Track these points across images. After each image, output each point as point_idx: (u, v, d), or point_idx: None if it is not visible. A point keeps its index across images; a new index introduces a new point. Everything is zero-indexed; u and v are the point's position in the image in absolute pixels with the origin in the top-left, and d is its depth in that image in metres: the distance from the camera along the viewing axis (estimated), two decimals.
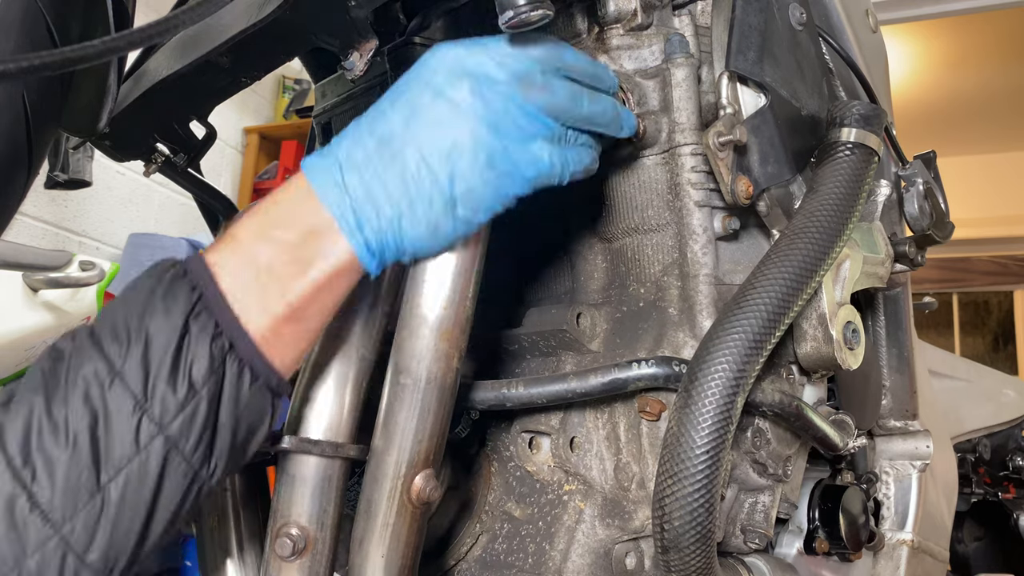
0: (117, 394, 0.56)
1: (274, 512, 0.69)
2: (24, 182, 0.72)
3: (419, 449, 0.67)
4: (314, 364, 0.70)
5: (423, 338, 0.67)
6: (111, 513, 0.55)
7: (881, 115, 0.82)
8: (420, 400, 0.67)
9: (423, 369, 0.67)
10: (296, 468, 0.68)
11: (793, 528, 0.95)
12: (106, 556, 0.55)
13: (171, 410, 0.56)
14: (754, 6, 0.78)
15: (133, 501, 0.56)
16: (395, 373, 0.68)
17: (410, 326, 0.68)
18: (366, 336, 0.71)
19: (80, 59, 0.52)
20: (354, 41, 0.70)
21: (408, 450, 0.67)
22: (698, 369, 0.66)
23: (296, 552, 0.66)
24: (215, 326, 0.58)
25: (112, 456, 0.55)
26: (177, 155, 0.98)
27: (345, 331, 0.70)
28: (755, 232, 0.85)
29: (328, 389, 0.69)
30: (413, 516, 0.68)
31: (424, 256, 0.66)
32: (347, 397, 0.69)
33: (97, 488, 0.55)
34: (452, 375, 0.68)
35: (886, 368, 1.07)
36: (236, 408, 0.59)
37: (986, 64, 5.11)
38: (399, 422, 0.67)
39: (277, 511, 0.68)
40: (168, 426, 0.56)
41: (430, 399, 0.67)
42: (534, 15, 0.60)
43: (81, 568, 0.54)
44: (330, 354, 0.70)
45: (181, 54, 0.81)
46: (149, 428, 0.56)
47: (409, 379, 0.67)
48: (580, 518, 0.79)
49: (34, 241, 2.90)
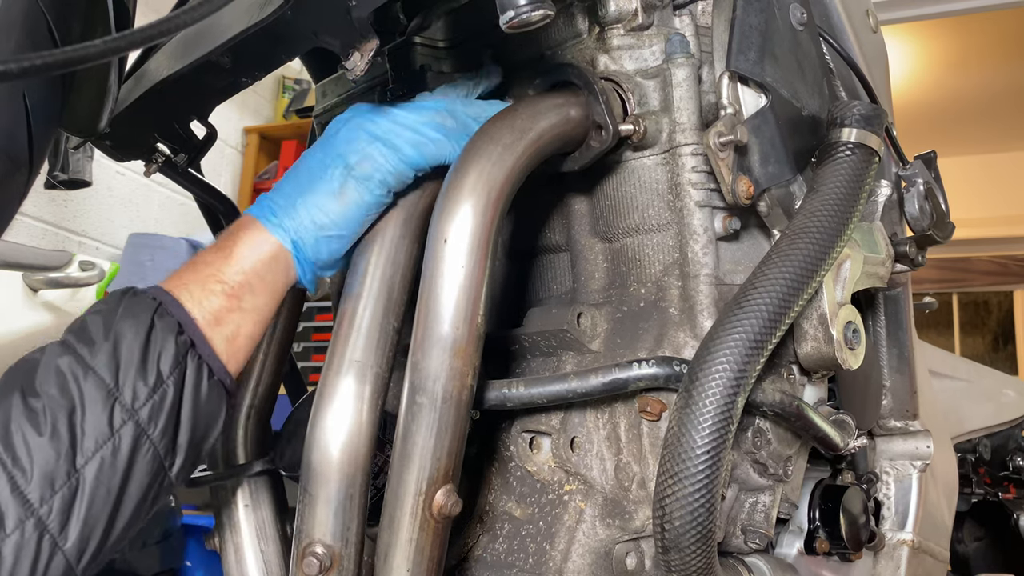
0: (91, 385, 0.62)
1: (298, 532, 0.70)
2: (25, 182, 0.72)
3: (438, 466, 0.68)
4: (329, 382, 0.70)
5: (437, 358, 0.68)
6: (86, 494, 0.60)
7: (882, 115, 0.82)
8: (437, 419, 0.68)
9: (439, 388, 0.68)
10: (317, 487, 0.68)
11: (793, 528, 0.95)
12: (80, 539, 0.60)
13: (141, 398, 0.63)
14: (755, 6, 0.78)
15: (106, 482, 0.61)
16: (411, 393, 0.69)
17: (424, 347, 0.69)
18: (379, 353, 0.72)
19: (81, 59, 0.52)
20: (355, 41, 0.69)
21: (428, 468, 0.68)
22: (699, 369, 0.66)
23: (323, 570, 0.67)
24: (178, 325, 0.67)
25: (87, 440, 0.61)
26: (177, 155, 0.98)
27: (358, 348, 0.71)
28: (756, 232, 0.85)
29: (344, 406, 0.69)
30: (435, 530, 0.69)
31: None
32: (364, 414, 0.70)
33: (74, 470, 0.60)
34: (467, 392, 0.70)
35: (886, 368, 1.07)
36: (197, 402, 0.66)
37: (986, 64, 5.10)
38: (417, 441, 0.68)
39: (301, 530, 0.69)
40: (138, 412, 0.63)
41: (447, 417, 0.68)
42: (535, 15, 0.60)
43: (56, 551, 0.58)
44: (344, 372, 0.70)
45: (182, 54, 0.81)
46: (121, 414, 0.62)
47: (425, 398, 0.68)
48: (581, 518, 0.79)
49: (34, 241, 2.90)
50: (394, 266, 0.74)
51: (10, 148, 0.68)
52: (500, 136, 0.73)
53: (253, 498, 0.84)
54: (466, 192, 0.70)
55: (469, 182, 0.71)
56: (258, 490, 0.84)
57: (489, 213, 0.70)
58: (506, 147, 0.72)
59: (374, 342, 0.72)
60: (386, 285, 0.73)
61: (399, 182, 0.74)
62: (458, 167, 0.72)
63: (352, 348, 0.71)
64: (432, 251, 0.70)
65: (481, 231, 0.70)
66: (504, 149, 0.72)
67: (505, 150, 0.72)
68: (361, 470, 0.69)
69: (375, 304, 0.73)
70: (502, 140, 0.72)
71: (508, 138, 0.73)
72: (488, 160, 0.71)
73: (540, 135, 0.75)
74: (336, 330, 0.73)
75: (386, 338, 0.73)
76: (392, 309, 0.73)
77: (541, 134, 0.75)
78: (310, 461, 0.69)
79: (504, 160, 0.72)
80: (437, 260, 0.70)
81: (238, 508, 0.83)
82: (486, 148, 0.72)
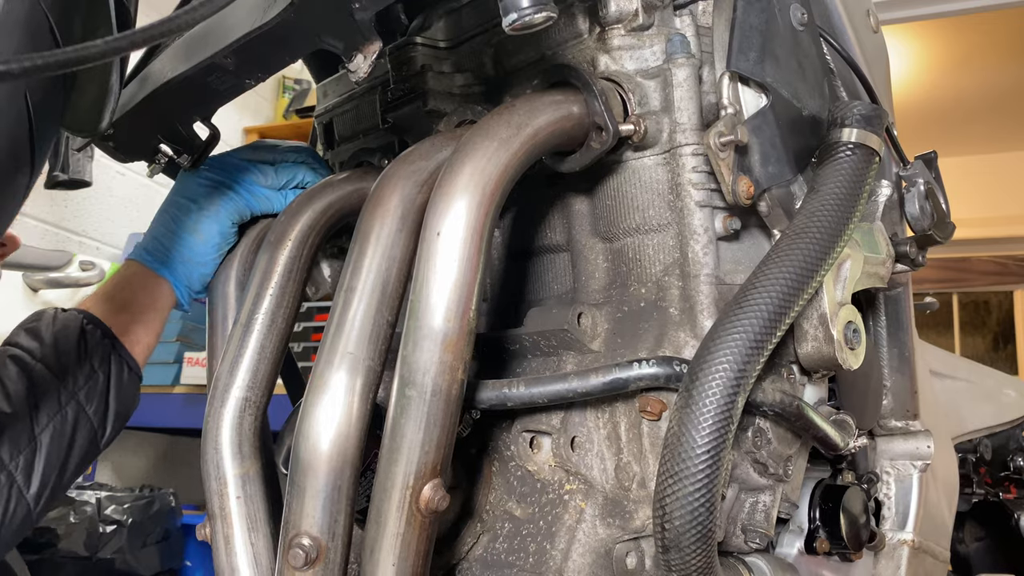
0: (39, 372, 0.86)
1: (285, 523, 0.69)
2: (26, 182, 0.72)
3: (426, 460, 0.68)
4: (321, 374, 0.70)
5: (428, 351, 0.68)
6: (43, 454, 0.84)
7: (882, 115, 0.82)
8: (426, 412, 0.68)
9: (428, 381, 0.68)
10: (305, 479, 0.68)
11: (794, 528, 0.95)
12: (38, 489, 0.83)
13: (80, 384, 0.89)
14: (755, 6, 0.79)
15: (57, 445, 0.85)
16: (401, 386, 0.69)
17: (414, 339, 0.68)
18: (372, 346, 0.71)
19: (82, 59, 0.52)
20: (358, 43, 0.70)
21: (416, 461, 0.68)
22: (699, 369, 0.66)
23: (309, 562, 0.67)
24: (102, 332, 0.92)
25: (41, 415, 0.85)
26: (180, 156, 0.98)
27: (351, 341, 0.71)
28: (756, 232, 0.85)
29: (335, 398, 0.69)
30: (422, 525, 0.69)
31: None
32: (354, 407, 0.69)
33: (33, 436, 0.84)
34: (457, 386, 0.69)
35: (887, 368, 1.07)
36: (120, 388, 0.93)
37: (987, 64, 5.11)
38: (406, 434, 0.68)
39: (288, 522, 0.69)
40: (77, 394, 0.88)
41: (436, 411, 0.68)
42: (538, 17, 0.60)
43: (21, 498, 0.82)
44: (336, 364, 0.70)
45: (186, 56, 0.82)
46: (65, 395, 0.87)
47: (415, 391, 0.68)
48: (581, 517, 0.79)
49: (34, 241, 2.90)
50: (389, 260, 0.74)
51: (11, 148, 0.68)
52: (496, 131, 0.72)
53: (246, 491, 0.84)
54: (461, 186, 0.70)
55: (464, 176, 0.70)
56: (251, 484, 0.85)
57: (483, 208, 0.70)
58: (502, 142, 0.72)
59: (367, 335, 0.71)
60: (381, 279, 0.73)
61: (242, 219, 0.99)
62: (453, 161, 0.72)
63: (345, 341, 0.71)
64: (425, 244, 0.70)
65: (475, 226, 0.69)
66: (500, 144, 0.72)
67: (501, 145, 0.72)
68: (350, 463, 0.69)
69: (369, 297, 0.72)
70: (498, 135, 0.72)
71: (504, 133, 0.72)
72: (484, 155, 0.71)
73: (537, 131, 0.74)
74: (330, 322, 0.73)
75: (379, 331, 0.72)
76: (386, 303, 0.73)
77: (538, 130, 0.74)
78: (299, 453, 0.69)
79: (500, 155, 0.71)
80: (430, 253, 0.69)
81: (230, 500, 0.83)
82: (482, 143, 0.72)
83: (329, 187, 0.94)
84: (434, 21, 1.00)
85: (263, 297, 0.88)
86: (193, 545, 2.97)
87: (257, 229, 1.02)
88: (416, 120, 0.98)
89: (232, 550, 0.82)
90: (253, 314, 0.88)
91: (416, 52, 0.97)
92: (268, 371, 0.87)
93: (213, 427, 0.84)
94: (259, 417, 0.87)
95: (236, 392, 0.85)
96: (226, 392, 0.85)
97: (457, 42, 0.98)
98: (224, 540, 0.83)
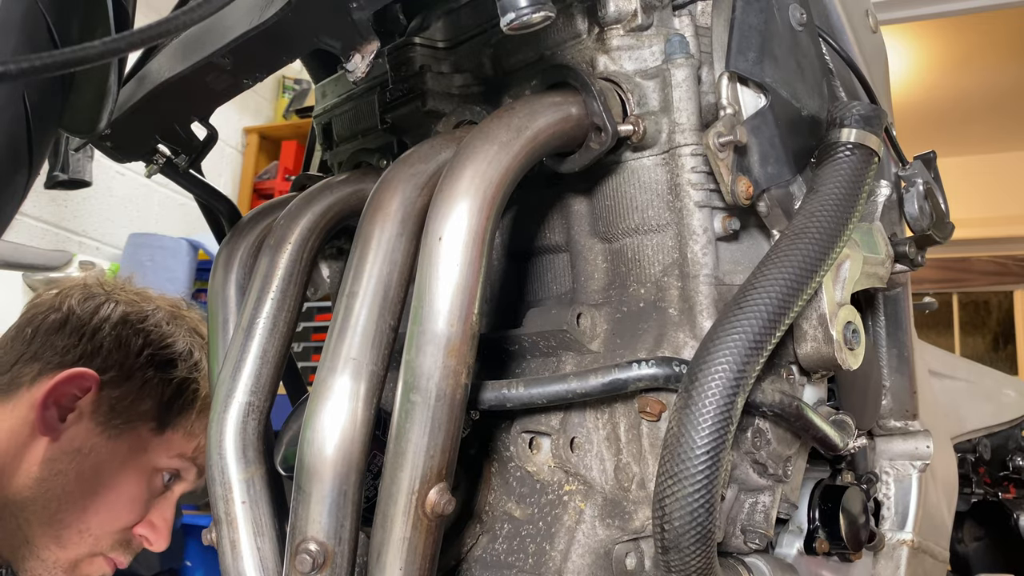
0: None
1: (292, 528, 0.69)
2: (25, 183, 0.72)
3: (432, 464, 0.68)
4: (324, 379, 0.70)
5: (431, 356, 0.68)
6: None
7: (881, 115, 0.82)
8: (431, 417, 0.68)
9: (432, 386, 0.68)
10: (311, 484, 0.68)
11: (793, 528, 0.95)
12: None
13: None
14: (754, 7, 0.78)
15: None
16: (405, 391, 0.69)
17: (418, 344, 0.68)
18: (375, 351, 0.72)
19: (81, 60, 0.52)
20: (356, 43, 0.70)
21: (421, 466, 0.68)
22: (698, 369, 0.66)
23: (316, 567, 0.67)
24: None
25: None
26: (178, 156, 0.98)
27: (354, 346, 0.71)
28: (755, 232, 0.85)
29: (340, 404, 0.69)
30: (429, 529, 0.69)
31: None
32: (358, 412, 0.70)
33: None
34: (461, 391, 0.69)
35: (886, 368, 1.07)
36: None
37: (987, 64, 5.11)
38: (411, 439, 0.68)
39: (295, 527, 0.69)
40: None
41: (440, 416, 0.68)
42: (536, 17, 0.60)
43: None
44: (340, 369, 0.70)
45: (183, 56, 0.82)
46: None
47: (419, 396, 0.68)
48: (580, 518, 0.79)
49: (34, 241, 2.90)
50: (391, 264, 0.74)
51: (10, 148, 0.68)
52: (496, 134, 0.72)
53: (251, 495, 0.84)
54: (462, 190, 0.70)
55: (465, 180, 0.70)
56: (256, 488, 0.85)
57: (485, 211, 0.70)
58: (502, 145, 0.72)
59: (370, 340, 0.71)
60: (382, 283, 0.73)
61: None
62: (454, 165, 0.72)
63: (348, 346, 0.71)
64: (427, 249, 0.70)
65: (476, 229, 0.69)
66: (500, 147, 0.72)
67: (501, 148, 0.72)
68: (355, 468, 0.69)
69: (371, 302, 0.72)
70: (498, 138, 0.72)
71: (505, 136, 0.72)
72: (484, 158, 0.71)
73: (537, 133, 0.74)
74: (332, 328, 0.73)
75: (382, 336, 0.72)
76: (388, 307, 0.73)
77: (538, 132, 0.74)
78: (304, 458, 0.69)
79: (500, 158, 0.71)
80: (432, 258, 0.69)
81: (235, 505, 0.83)
82: (482, 146, 0.72)
83: (328, 189, 0.94)
84: (433, 21, 1.00)
85: (264, 301, 0.88)
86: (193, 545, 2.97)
87: (256, 232, 1.02)
88: (415, 120, 0.98)
89: (238, 555, 0.82)
90: (254, 318, 0.88)
91: (415, 52, 0.97)
92: (271, 375, 0.87)
93: (217, 432, 0.84)
94: (263, 421, 0.87)
95: (239, 397, 0.85)
96: (229, 397, 0.85)
97: (456, 42, 0.98)
98: (230, 545, 0.83)
